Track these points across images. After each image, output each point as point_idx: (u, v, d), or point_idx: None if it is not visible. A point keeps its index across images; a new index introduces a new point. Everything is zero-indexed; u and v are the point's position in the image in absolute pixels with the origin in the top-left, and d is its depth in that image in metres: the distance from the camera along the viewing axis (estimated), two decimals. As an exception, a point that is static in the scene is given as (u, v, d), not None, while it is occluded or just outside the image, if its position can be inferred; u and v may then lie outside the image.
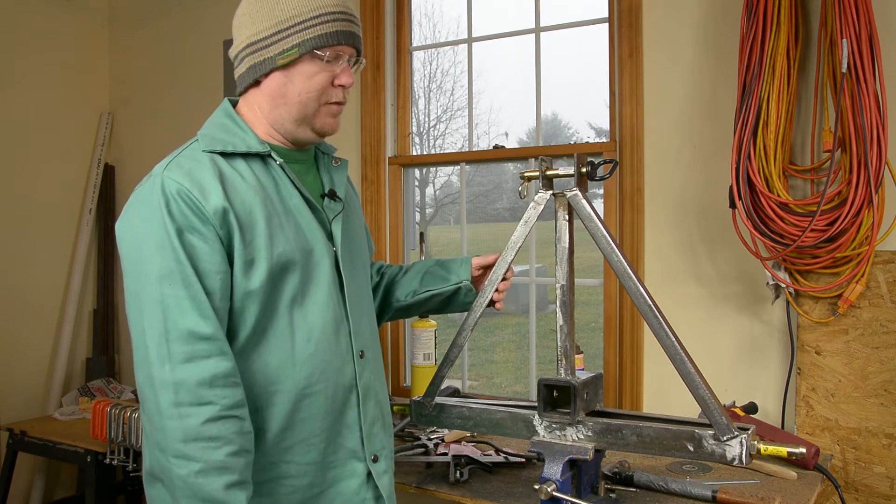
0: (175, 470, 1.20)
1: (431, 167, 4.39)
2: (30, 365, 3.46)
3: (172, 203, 1.26)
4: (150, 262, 1.25)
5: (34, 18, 3.47)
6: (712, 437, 1.43)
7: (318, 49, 1.35)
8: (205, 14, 3.46)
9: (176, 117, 3.57)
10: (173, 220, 1.25)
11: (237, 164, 1.36)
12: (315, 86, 1.37)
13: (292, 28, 1.34)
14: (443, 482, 1.93)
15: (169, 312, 1.23)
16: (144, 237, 1.26)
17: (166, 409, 1.20)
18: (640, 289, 1.52)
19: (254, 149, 1.37)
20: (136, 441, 2.49)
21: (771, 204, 2.03)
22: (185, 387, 1.20)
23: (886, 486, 2.02)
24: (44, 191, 3.51)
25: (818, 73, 2.12)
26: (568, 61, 3.58)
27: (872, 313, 2.05)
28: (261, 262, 1.31)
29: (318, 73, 1.37)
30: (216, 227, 1.27)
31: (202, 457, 1.19)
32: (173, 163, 1.32)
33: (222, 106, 1.46)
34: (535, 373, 2.82)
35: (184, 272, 1.24)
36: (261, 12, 1.35)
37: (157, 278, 1.24)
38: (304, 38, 1.34)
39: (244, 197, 1.32)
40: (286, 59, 1.34)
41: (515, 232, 1.67)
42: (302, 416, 1.36)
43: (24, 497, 3.40)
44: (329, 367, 1.39)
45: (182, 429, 1.19)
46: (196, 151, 1.36)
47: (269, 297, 1.33)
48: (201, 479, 1.19)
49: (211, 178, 1.30)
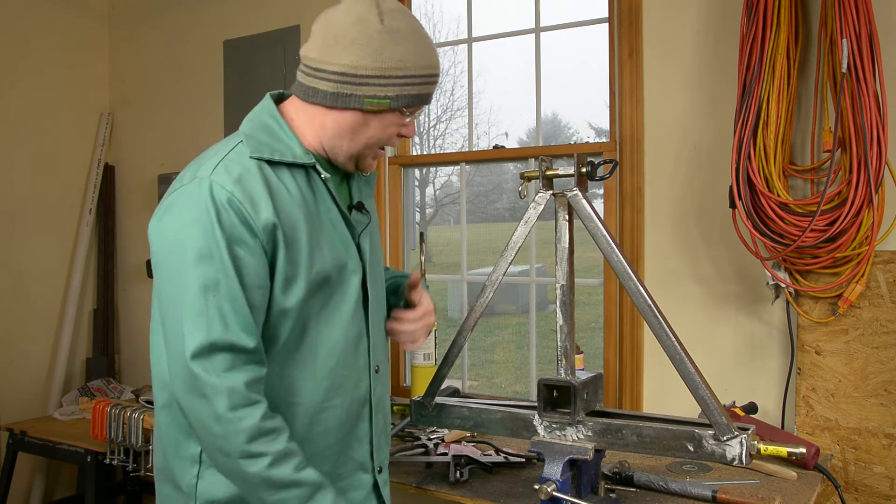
0: (247, 469, 1.21)
1: (431, 167, 4.39)
2: (30, 365, 3.46)
3: (223, 213, 1.21)
4: (194, 270, 1.21)
5: (34, 18, 3.47)
6: (712, 437, 1.43)
7: (407, 108, 1.32)
8: (205, 14, 3.46)
9: (176, 117, 3.57)
10: (223, 230, 1.21)
11: (282, 174, 1.31)
12: (385, 136, 1.35)
13: (393, 79, 1.28)
14: (443, 482, 1.92)
15: (213, 324, 1.20)
16: (189, 243, 1.22)
17: (224, 415, 1.19)
18: (640, 289, 1.52)
19: (299, 159, 1.32)
20: (136, 441, 2.49)
21: (771, 204, 2.03)
22: (237, 391, 1.20)
23: (886, 486, 2.02)
24: (44, 191, 3.52)
25: (818, 73, 2.12)
26: (568, 61, 3.59)
27: (872, 313, 2.05)
28: (300, 279, 1.29)
29: (393, 125, 1.35)
30: (263, 241, 1.24)
31: (269, 450, 1.21)
32: (221, 166, 1.26)
33: (266, 106, 1.38)
34: (535, 373, 2.82)
35: (230, 285, 1.21)
36: (368, 45, 1.26)
37: (201, 287, 1.20)
38: (400, 94, 1.30)
39: (290, 212, 1.28)
40: (375, 107, 1.30)
41: (515, 232, 1.67)
42: (319, 430, 1.36)
43: (24, 497, 3.40)
44: (347, 382, 1.38)
45: (245, 430, 1.20)
46: (243, 156, 1.28)
47: (302, 313, 1.31)
48: (274, 470, 1.22)
49: (261, 190, 1.25)
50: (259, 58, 3.28)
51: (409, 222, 3.06)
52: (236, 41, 3.36)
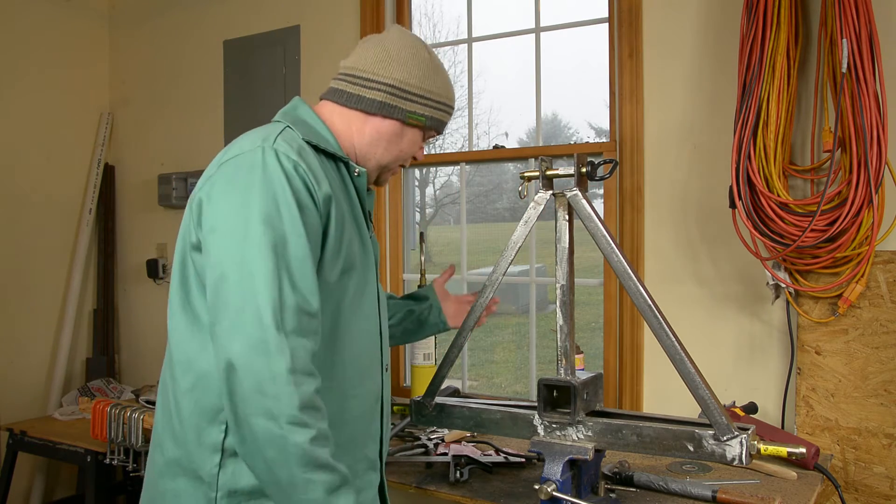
0: (291, 437, 1.17)
1: (431, 167, 4.39)
2: (30, 365, 3.46)
3: (293, 178, 1.26)
4: (263, 228, 1.22)
5: (34, 19, 3.47)
6: (712, 437, 1.43)
7: (431, 129, 1.52)
8: (205, 14, 3.46)
9: (176, 117, 3.57)
10: (294, 192, 1.25)
11: (324, 161, 1.38)
12: (411, 151, 1.52)
13: (433, 102, 1.49)
14: (443, 482, 1.93)
15: (283, 283, 1.21)
16: (258, 205, 1.24)
17: (282, 376, 1.17)
18: (640, 289, 1.52)
19: (338, 152, 1.41)
20: (136, 441, 2.49)
21: (771, 204, 2.03)
22: (299, 356, 1.20)
23: (886, 486, 2.02)
24: (44, 191, 3.52)
25: (818, 73, 2.12)
26: (568, 61, 3.59)
27: (872, 313, 2.05)
28: (340, 257, 1.34)
29: (417, 143, 1.52)
30: (322, 212, 1.30)
31: (316, 424, 1.19)
32: (280, 139, 1.31)
33: (302, 106, 1.46)
34: (535, 373, 2.82)
35: (299, 245, 1.24)
36: (419, 68, 1.46)
37: (270, 247, 1.22)
38: (433, 116, 1.50)
39: (337, 192, 1.36)
40: (414, 121, 1.48)
41: (515, 232, 1.67)
42: (345, 417, 1.36)
43: (24, 497, 3.40)
44: (367, 374, 1.41)
45: (300, 395, 1.18)
46: (296, 136, 1.35)
47: (339, 293, 1.35)
48: (316, 446, 1.19)
49: (318, 166, 1.32)
50: (259, 58, 3.28)
51: (409, 222, 3.06)
52: (236, 41, 3.36)
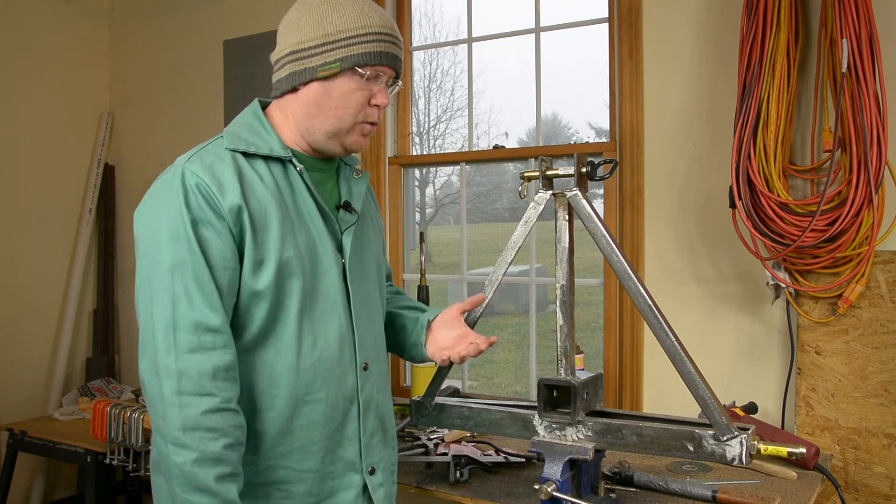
0: (172, 457, 1.22)
1: (431, 167, 4.39)
2: (30, 365, 3.46)
3: (191, 195, 1.28)
4: (163, 250, 1.27)
5: (34, 19, 3.47)
6: (712, 437, 1.43)
7: (359, 66, 1.36)
8: (205, 14, 3.46)
9: (176, 117, 3.57)
10: (190, 211, 1.28)
11: (257, 165, 1.38)
12: (352, 103, 1.38)
13: (337, 42, 1.35)
14: (443, 482, 1.93)
15: (178, 302, 1.25)
16: (161, 224, 1.29)
17: (168, 397, 1.23)
18: (640, 289, 1.52)
19: (275, 153, 1.39)
20: (136, 441, 2.49)
21: (771, 204, 2.03)
22: (189, 376, 1.23)
23: (886, 486, 2.02)
24: (44, 191, 3.51)
25: (818, 73, 2.12)
26: (568, 61, 3.58)
27: (872, 313, 2.05)
28: (269, 263, 1.33)
29: (357, 90, 1.37)
30: (230, 223, 1.30)
31: (199, 446, 1.22)
32: (196, 156, 1.34)
33: (251, 106, 1.47)
34: (535, 373, 2.82)
35: (196, 263, 1.27)
36: (309, 22, 1.37)
37: (169, 267, 1.26)
38: (348, 54, 1.35)
39: (260, 198, 1.34)
40: (327, 71, 1.35)
41: (515, 232, 1.67)
42: (300, 423, 1.37)
43: (24, 497, 3.40)
44: (331, 377, 1.39)
45: (182, 417, 1.22)
46: (219, 148, 1.37)
47: (277, 299, 1.34)
48: (196, 469, 1.22)
49: (230, 176, 1.32)
50: (259, 58, 3.28)
51: (409, 222, 3.06)
52: (236, 41, 3.36)
